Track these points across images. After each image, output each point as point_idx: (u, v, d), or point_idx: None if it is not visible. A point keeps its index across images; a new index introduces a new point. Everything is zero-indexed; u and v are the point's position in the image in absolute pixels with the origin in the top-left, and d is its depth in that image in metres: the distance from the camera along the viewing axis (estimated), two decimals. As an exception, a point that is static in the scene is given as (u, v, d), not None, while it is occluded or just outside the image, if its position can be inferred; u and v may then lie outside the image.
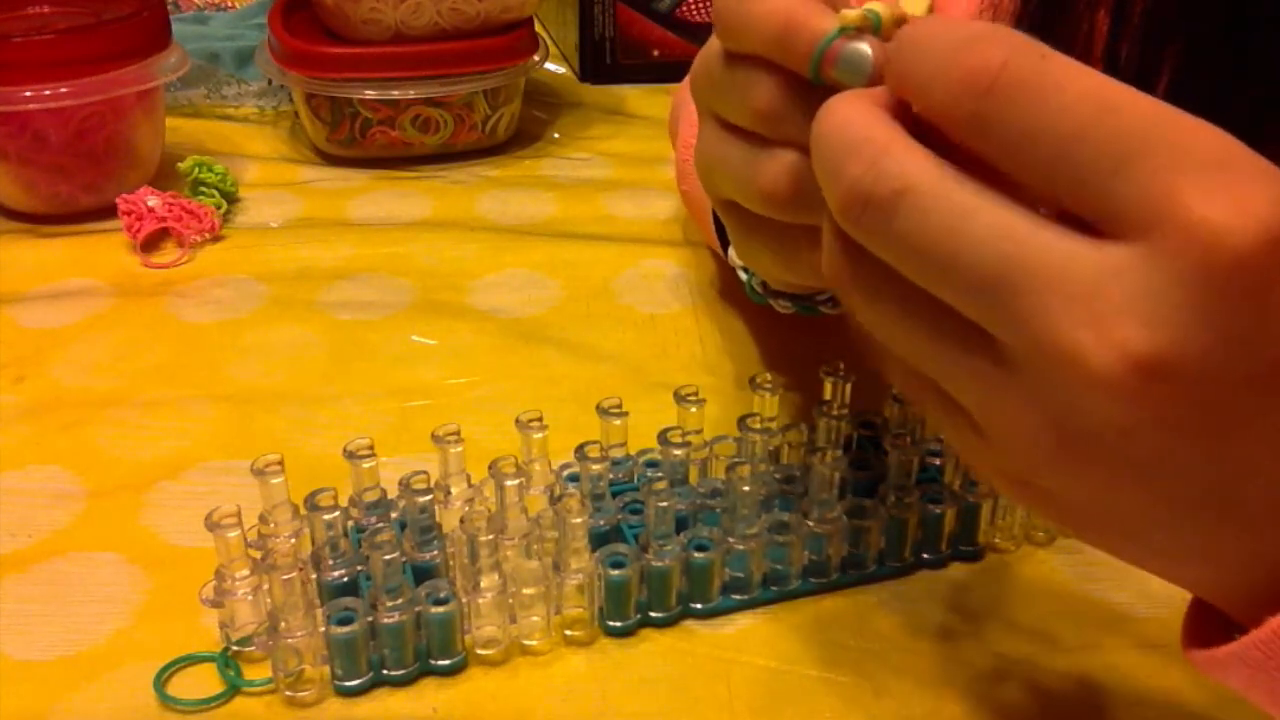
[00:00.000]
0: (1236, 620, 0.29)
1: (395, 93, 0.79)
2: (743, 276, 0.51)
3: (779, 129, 0.35)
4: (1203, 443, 0.25)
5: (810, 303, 0.48)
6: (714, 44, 0.38)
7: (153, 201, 0.71)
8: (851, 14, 0.33)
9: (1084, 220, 0.25)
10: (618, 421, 0.47)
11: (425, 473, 0.44)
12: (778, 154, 0.36)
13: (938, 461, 0.49)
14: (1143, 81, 0.45)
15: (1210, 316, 0.24)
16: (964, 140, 0.26)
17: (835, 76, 0.33)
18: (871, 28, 0.33)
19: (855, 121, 0.28)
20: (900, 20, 0.33)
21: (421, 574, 0.43)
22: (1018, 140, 0.25)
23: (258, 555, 0.42)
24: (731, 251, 0.47)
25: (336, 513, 0.43)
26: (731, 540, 0.44)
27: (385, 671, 0.41)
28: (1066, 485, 0.27)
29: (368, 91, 0.79)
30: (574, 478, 0.48)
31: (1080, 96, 0.24)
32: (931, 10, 0.34)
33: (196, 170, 0.74)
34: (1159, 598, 0.45)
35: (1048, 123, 0.25)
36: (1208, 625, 0.30)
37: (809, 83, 0.34)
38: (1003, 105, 0.25)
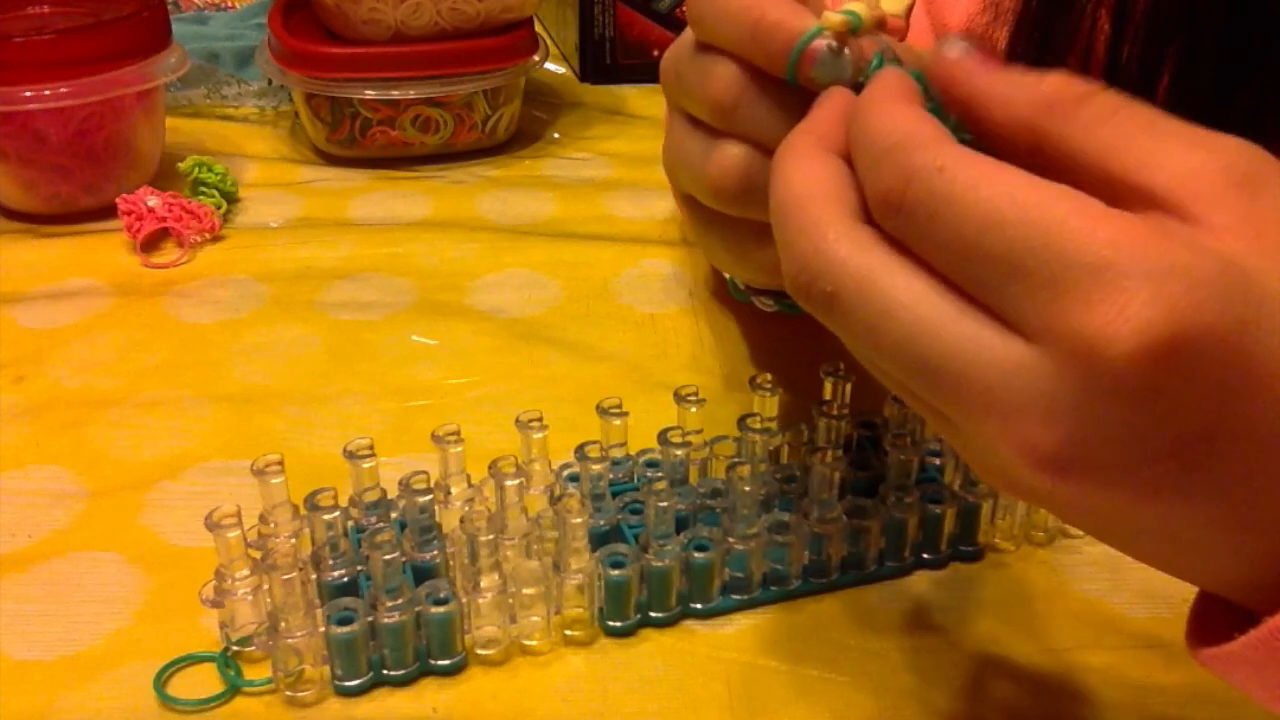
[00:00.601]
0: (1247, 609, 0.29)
1: (395, 93, 0.79)
2: (726, 274, 0.51)
3: (732, 121, 0.36)
4: (1138, 504, 0.26)
5: (791, 300, 0.48)
6: (685, 37, 0.38)
7: (153, 201, 0.71)
8: (833, 16, 0.33)
9: None
10: (618, 421, 0.47)
11: (425, 473, 0.44)
12: (727, 147, 0.36)
13: (938, 461, 0.49)
14: (1143, 81, 0.45)
15: (1103, 415, 0.25)
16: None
17: (813, 76, 0.33)
18: (850, 29, 0.33)
19: (804, 196, 0.29)
20: (880, 21, 0.34)
21: (421, 574, 0.43)
22: (926, 248, 0.27)
23: (258, 555, 0.42)
24: None
25: (336, 513, 0.43)
26: (731, 540, 0.44)
27: (385, 671, 0.41)
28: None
29: (368, 91, 0.79)
30: (574, 478, 0.48)
31: (969, 213, 0.26)
32: (910, 10, 0.34)
33: (196, 170, 0.74)
34: (1158, 598, 0.45)
35: (945, 238, 0.26)
36: (1212, 622, 0.30)
37: (767, 77, 0.34)
38: (907, 221, 0.27)
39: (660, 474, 0.47)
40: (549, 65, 0.94)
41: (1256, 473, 0.26)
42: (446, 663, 0.42)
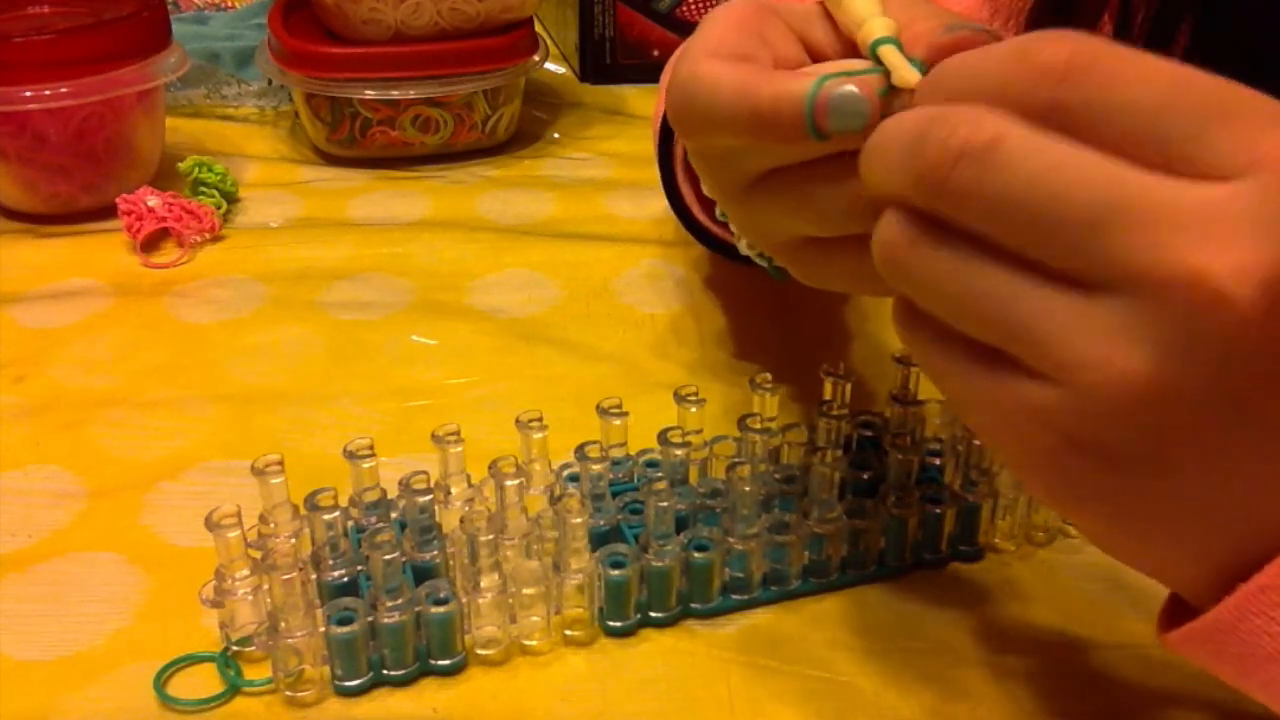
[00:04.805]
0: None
1: (395, 93, 0.80)
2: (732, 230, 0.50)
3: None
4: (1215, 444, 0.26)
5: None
6: None
7: (153, 201, 0.71)
8: (826, 66, 0.32)
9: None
10: (618, 421, 0.47)
11: (425, 473, 0.44)
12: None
13: (938, 461, 0.49)
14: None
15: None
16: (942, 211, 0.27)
17: (831, 126, 0.31)
18: (885, 42, 0.32)
19: (924, 109, 0.28)
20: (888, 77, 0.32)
21: (421, 574, 0.43)
22: (993, 211, 0.26)
23: (258, 555, 0.42)
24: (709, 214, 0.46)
25: (336, 513, 0.43)
26: (731, 540, 0.44)
27: (385, 671, 0.41)
28: (1139, 431, 0.26)
29: (368, 91, 0.79)
30: (574, 478, 0.48)
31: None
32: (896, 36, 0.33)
33: (196, 170, 0.74)
34: (1158, 599, 0.44)
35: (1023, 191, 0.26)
36: (1180, 607, 0.31)
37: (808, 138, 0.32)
38: (956, 200, 0.27)
39: (660, 474, 0.47)
40: (549, 65, 0.94)
41: None
42: (446, 663, 0.42)
